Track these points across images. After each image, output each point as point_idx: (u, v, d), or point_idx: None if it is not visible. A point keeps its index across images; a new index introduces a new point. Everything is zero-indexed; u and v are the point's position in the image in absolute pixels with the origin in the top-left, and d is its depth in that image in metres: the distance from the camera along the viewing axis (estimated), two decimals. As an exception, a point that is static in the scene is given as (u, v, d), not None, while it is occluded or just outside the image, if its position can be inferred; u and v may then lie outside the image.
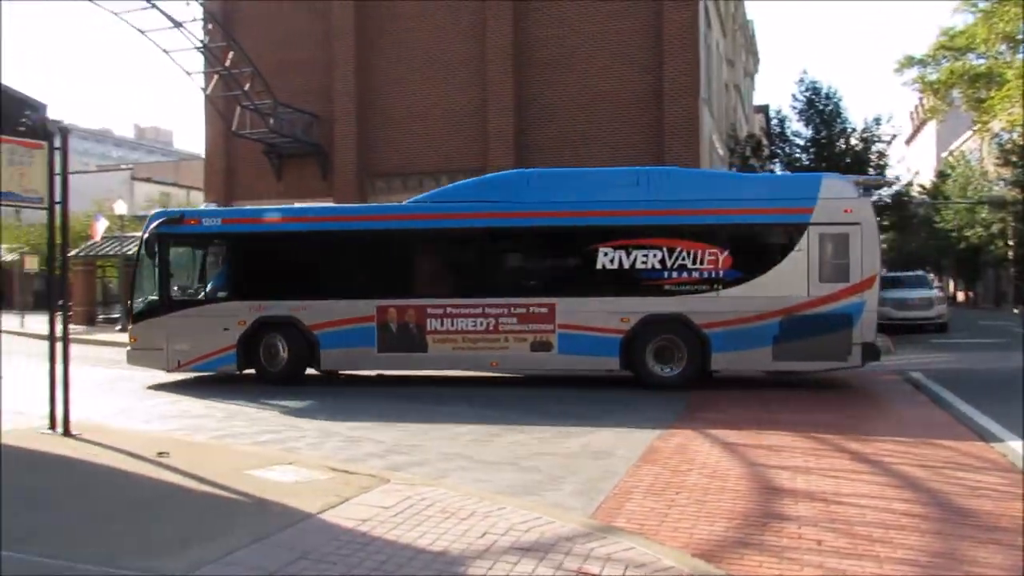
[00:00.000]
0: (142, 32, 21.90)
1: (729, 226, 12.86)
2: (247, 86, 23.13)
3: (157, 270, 14.37)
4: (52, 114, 9.55)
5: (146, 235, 14.47)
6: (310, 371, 14.30)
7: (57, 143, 8.98)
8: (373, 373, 14.76)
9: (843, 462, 7.60)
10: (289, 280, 14.21)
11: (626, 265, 13.10)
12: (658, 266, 13.03)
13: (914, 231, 46.07)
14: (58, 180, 8.89)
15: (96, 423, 9.80)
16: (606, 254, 13.16)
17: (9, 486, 6.59)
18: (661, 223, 13.02)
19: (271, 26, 26.03)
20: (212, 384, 14.25)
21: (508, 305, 13.38)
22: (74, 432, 8.79)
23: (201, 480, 6.66)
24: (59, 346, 8.78)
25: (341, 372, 14.92)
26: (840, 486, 6.68)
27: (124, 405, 12.03)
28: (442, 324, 13.52)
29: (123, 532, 5.29)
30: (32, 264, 31.01)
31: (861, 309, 12.43)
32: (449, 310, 13.50)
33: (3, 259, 40.70)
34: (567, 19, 23.20)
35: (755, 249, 12.89)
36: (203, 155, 28.08)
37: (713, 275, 12.91)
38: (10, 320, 30.50)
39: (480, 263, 13.63)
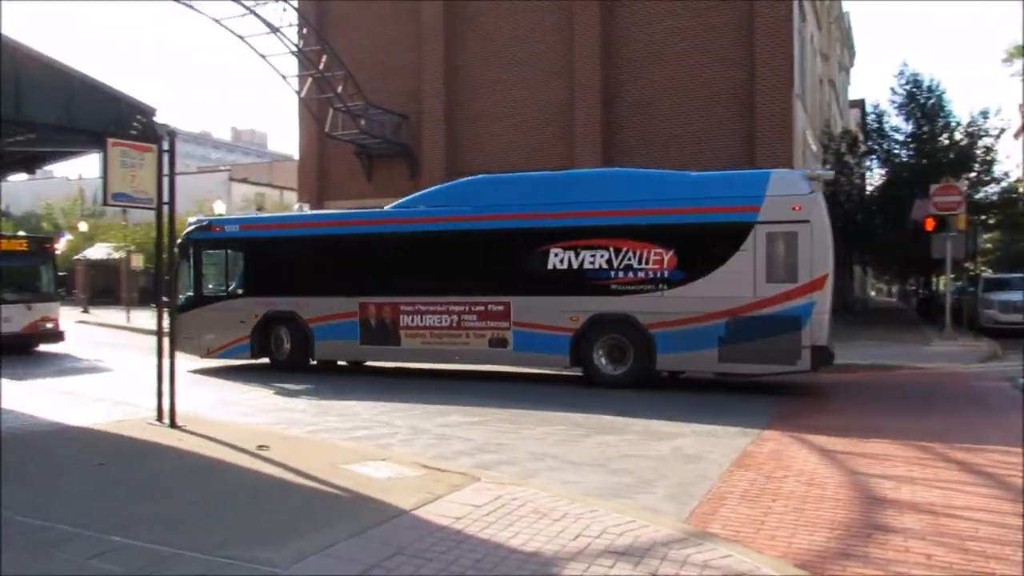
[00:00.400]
0: (241, 38, 22.65)
1: (673, 226, 12.95)
2: (339, 88, 23.82)
3: (191, 271, 16.50)
4: (158, 118, 10.03)
5: (181, 240, 16.35)
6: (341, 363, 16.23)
7: (165, 146, 9.44)
8: (392, 365, 16.22)
9: (951, 473, 7.31)
10: (291, 279, 15.64)
11: (575, 265, 13.52)
12: (605, 266, 13.32)
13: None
14: (166, 181, 9.35)
15: (199, 415, 10.19)
16: (556, 255, 13.65)
17: (122, 474, 6.93)
18: (606, 224, 13.32)
19: (362, 29, 26.68)
20: (291, 378, 14.81)
21: (468, 303, 14.26)
22: (180, 423, 9.20)
23: (300, 474, 6.84)
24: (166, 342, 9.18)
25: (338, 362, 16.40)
26: (949, 498, 6.42)
27: (224, 397, 12.47)
28: (412, 320, 14.68)
29: (229, 521, 5.47)
30: (138, 262, 32.67)
31: (810, 311, 12.14)
32: (418, 307, 14.59)
33: (111, 257, 42.81)
34: (655, 15, 23.02)
35: (700, 249, 12.88)
36: (296, 156, 29.20)
37: (658, 275, 13.10)
38: (117, 316, 31.97)
39: (442, 264, 14.52)
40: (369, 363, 16.32)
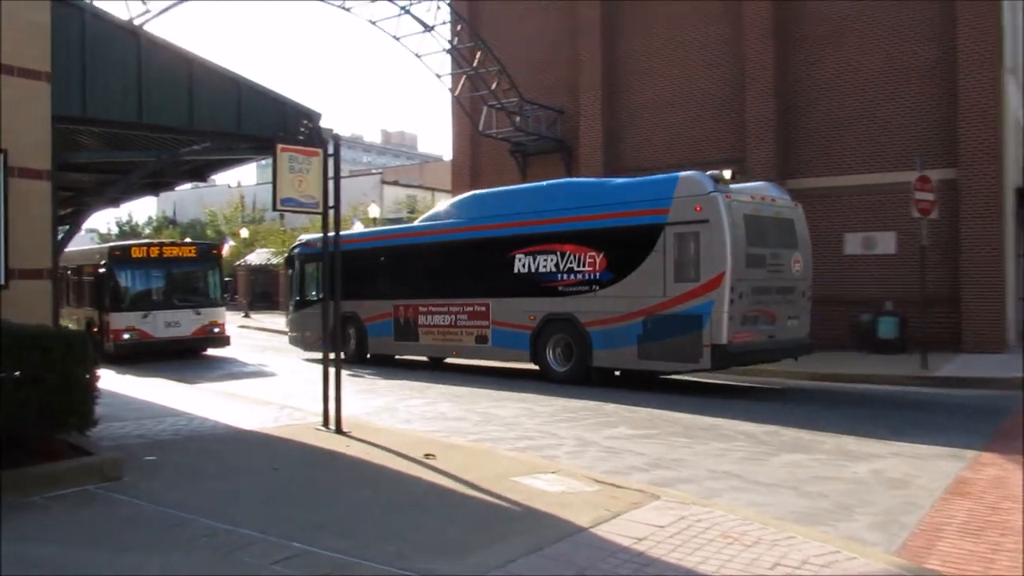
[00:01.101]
0: (396, 38, 23.48)
1: (601, 231, 15.02)
2: (494, 85, 24.15)
3: (297, 280, 21.62)
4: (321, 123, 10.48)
5: (287, 255, 22.92)
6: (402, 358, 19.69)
7: (330, 150, 9.89)
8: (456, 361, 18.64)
9: None
10: (352, 284, 17.84)
11: (533, 269, 15.91)
12: (554, 269, 15.59)
13: None
14: (331, 185, 9.78)
15: (362, 420, 10.56)
16: (519, 260, 16.12)
17: (294, 479, 7.25)
18: (551, 231, 15.67)
19: (516, 24, 26.80)
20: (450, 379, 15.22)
21: (462, 304, 17.34)
22: (345, 429, 9.52)
23: (468, 484, 6.92)
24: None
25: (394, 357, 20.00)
26: None
27: (384, 403, 12.91)
28: (425, 319, 18.13)
29: (402, 530, 5.59)
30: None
31: (710, 309, 13.42)
32: (430, 308, 17.96)
33: (269, 262, 45.51)
34: (835, -12, 21.23)
35: (623, 251, 14.69)
36: (446, 157, 30.31)
37: (592, 277, 15.15)
38: (277, 320, 33.95)
39: (444, 270, 17.81)
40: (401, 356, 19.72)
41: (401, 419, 11.31)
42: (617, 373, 15.26)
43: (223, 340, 21.79)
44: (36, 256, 8.04)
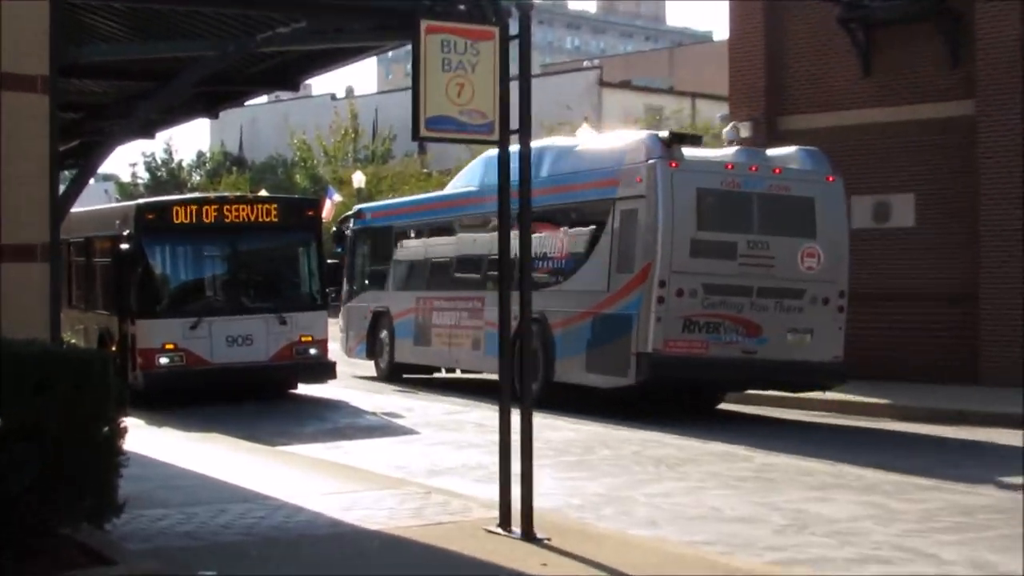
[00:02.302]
0: None
1: (563, 207, 17.54)
2: None
3: (347, 263, 23.97)
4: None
5: (336, 228, 26.18)
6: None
7: (514, 29, 8.33)
8: None
9: None
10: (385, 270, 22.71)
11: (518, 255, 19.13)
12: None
13: None
14: (514, 91, 8.36)
15: (570, 519, 9.58)
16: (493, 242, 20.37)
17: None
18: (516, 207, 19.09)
19: None
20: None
21: (461, 299, 19.98)
22: (540, 534, 8.31)
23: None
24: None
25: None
26: None
27: (605, 487, 11.64)
28: (437, 319, 21.04)
29: None
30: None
31: (638, 309, 15.40)
32: (439, 304, 20.74)
33: None
34: None
35: (581, 234, 17.33)
36: (719, 37, 30.42)
37: (558, 265, 17.69)
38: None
39: (453, 257, 20.89)
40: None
41: (641, 519, 10.07)
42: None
43: (325, 369, 19.82)
44: (26, 223, 7.37)
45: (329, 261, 21.89)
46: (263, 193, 33.84)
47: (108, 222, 20.61)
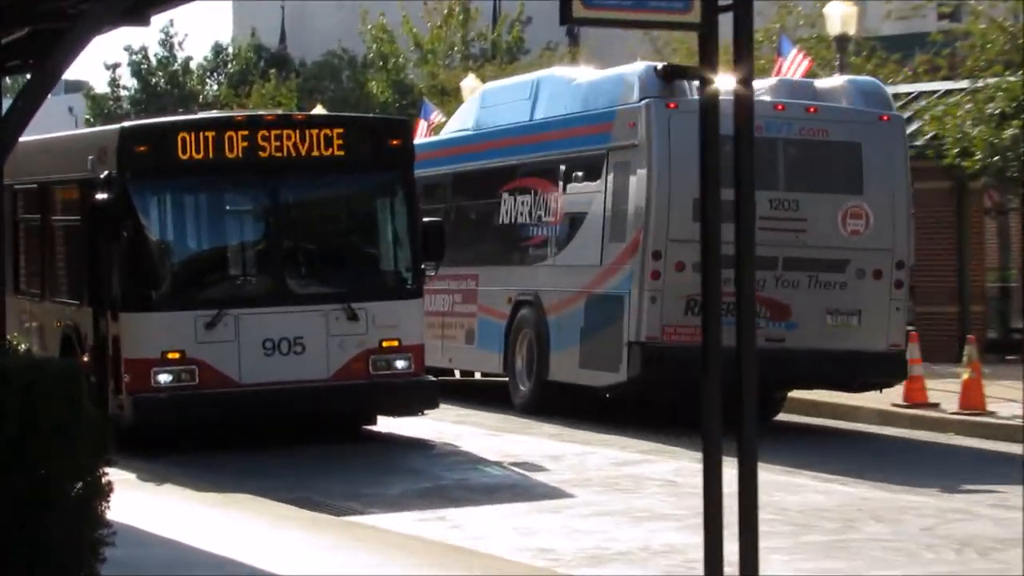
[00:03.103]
0: None
1: (551, 161, 17.78)
2: None
3: None
4: None
5: None
6: None
7: None
8: None
9: None
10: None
11: (506, 220, 18.78)
12: (523, 222, 18.32)
13: None
14: None
15: None
16: (499, 204, 18.99)
17: None
18: (511, 160, 18.75)
19: None
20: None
21: (456, 278, 19.85)
22: None
23: None
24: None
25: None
26: None
27: None
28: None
29: None
30: None
31: (630, 287, 15.63)
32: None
33: None
34: None
35: (576, 193, 17.26)
36: None
37: (551, 234, 17.89)
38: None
39: (462, 223, 21.00)
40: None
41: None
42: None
43: (420, 392, 15.97)
44: None
45: (428, 219, 16.59)
46: (319, 111, 28.51)
47: (75, 158, 16.44)
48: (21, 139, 8.62)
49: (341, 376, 15.40)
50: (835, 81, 16.83)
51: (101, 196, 15.13)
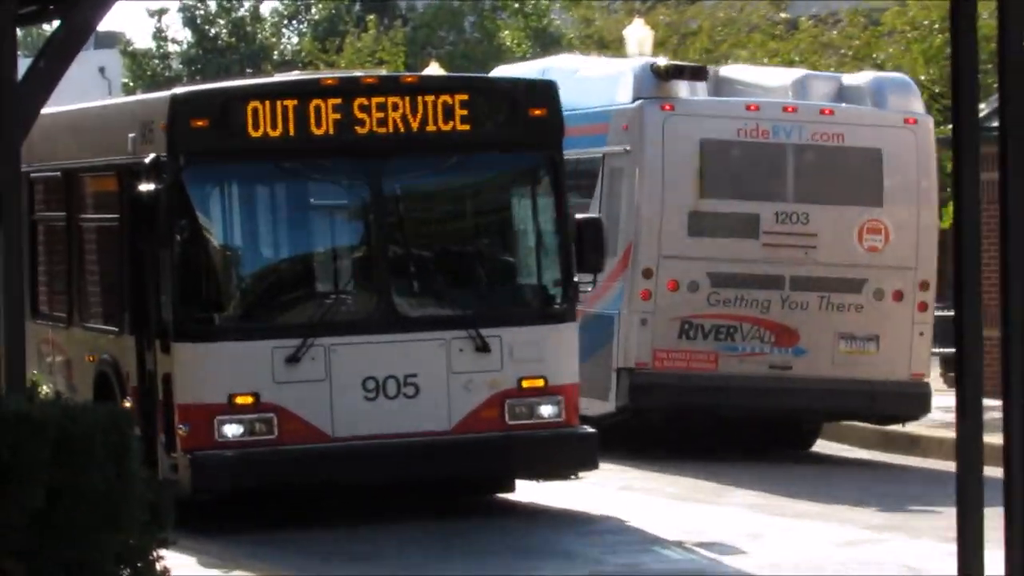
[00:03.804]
0: None
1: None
2: None
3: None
4: None
5: None
6: None
7: None
8: None
9: None
10: None
11: None
12: None
13: None
14: None
15: None
16: None
17: None
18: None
19: None
20: None
21: None
22: None
23: None
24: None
25: None
26: None
27: None
28: None
29: None
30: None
31: (619, 306, 15.54)
32: None
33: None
34: None
35: (574, 200, 15.69)
36: None
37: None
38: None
39: None
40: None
41: None
42: None
43: (573, 451, 13.61)
44: None
45: (583, 216, 13.89)
46: (434, 71, 23.77)
47: (111, 137, 14.10)
48: (43, 111, 7.34)
49: (467, 427, 12.95)
50: (860, 78, 16.59)
51: (146, 187, 12.60)
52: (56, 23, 7.61)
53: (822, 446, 18.57)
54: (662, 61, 15.55)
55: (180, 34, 40.82)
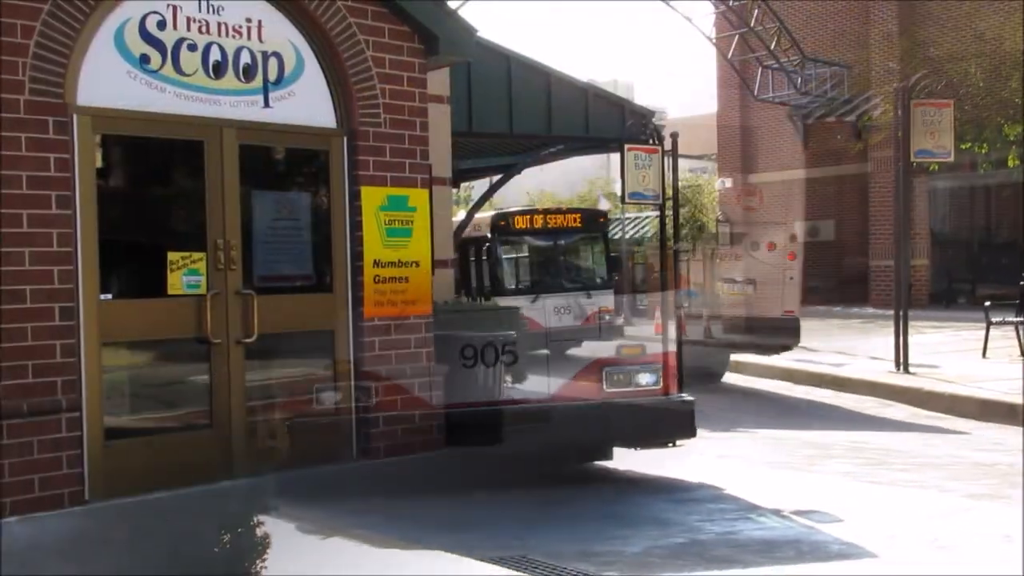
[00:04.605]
0: (666, 1, 31.72)
1: None
2: (772, 44, 33.85)
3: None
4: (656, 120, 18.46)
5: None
6: None
7: (668, 147, 16.49)
8: None
9: None
10: None
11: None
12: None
13: None
14: (668, 180, 16.17)
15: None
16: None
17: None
18: None
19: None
20: None
21: None
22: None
23: None
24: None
25: None
26: None
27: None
28: None
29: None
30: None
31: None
32: None
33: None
34: None
35: None
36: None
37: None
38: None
39: None
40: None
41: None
42: None
43: (671, 419, 12.92)
44: (444, 249, 14.00)
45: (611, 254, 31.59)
46: (562, 206, 33.38)
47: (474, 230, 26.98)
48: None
49: (564, 395, 12.64)
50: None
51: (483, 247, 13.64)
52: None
53: (924, 417, 18.52)
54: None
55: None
